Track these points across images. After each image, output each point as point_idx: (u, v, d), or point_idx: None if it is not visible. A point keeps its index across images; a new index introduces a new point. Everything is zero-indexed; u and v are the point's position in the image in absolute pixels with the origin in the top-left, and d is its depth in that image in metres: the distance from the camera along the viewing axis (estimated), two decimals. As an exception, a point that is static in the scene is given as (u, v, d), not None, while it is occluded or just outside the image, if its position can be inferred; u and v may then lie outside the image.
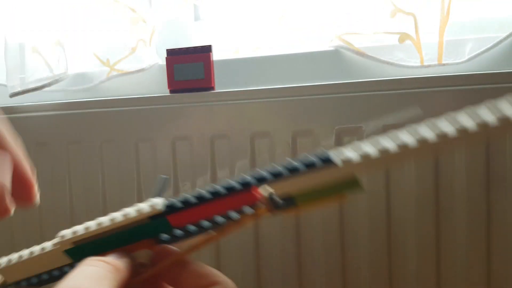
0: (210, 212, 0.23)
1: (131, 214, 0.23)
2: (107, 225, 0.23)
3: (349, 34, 0.63)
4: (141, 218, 0.23)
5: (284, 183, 0.21)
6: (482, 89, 0.54)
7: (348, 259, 0.59)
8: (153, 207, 0.23)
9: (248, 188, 0.22)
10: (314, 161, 0.20)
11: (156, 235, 0.23)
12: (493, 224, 0.55)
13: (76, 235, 0.23)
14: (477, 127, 0.19)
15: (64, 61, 0.71)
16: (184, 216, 0.23)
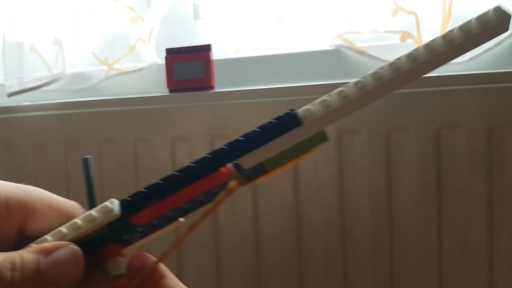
0: (176, 202, 0.20)
1: (83, 228, 0.20)
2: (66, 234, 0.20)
3: (350, 33, 0.63)
4: (99, 227, 0.20)
5: (252, 155, 0.19)
6: (483, 88, 0.54)
7: (349, 259, 0.59)
8: (108, 213, 0.20)
9: (215, 170, 0.20)
10: (279, 126, 0.19)
11: (119, 237, 0.21)
12: (493, 224, 0.55)
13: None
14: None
15: (62, 61, 0.70)
16: (147, 213, 0.20)
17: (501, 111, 0.54)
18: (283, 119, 0.19)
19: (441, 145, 0.55)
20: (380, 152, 0.56)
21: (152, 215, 0.21)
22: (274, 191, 0.60)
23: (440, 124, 0.55)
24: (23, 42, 0.72)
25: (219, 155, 0.20)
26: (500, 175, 0.54)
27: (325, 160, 0.58)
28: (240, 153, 0.20)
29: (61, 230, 0.20)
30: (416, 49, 0.19)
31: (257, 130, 0.20)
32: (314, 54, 0.66)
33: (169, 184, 0.20)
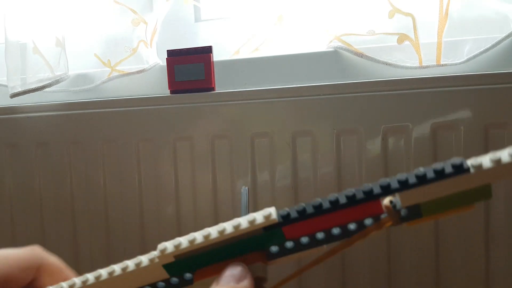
0: (328, 223, 0.21)
1: (243, 225, 0.21)
2: (215, 237, 0.21)
3: (348, 35, 0.63)
4: (254, 230, 0.21)
5: (411, 193, 0.19)
6: (480, 89, 0.55)
7: (347, 258, 0.59)
8: (268, 217, 0.21)
9: (372, 199, 0.20)
10: (445, 169, 0.19)
11: (266, 247, 0.22)
12: (491, 224, 0.55)
13: (180, 248, 0.21)
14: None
15: (64, 62, 0.71)
16: (300, 227, 0.21)
17: (498, 112, 0.54)
18: (449, 163, 0.19)
19: (438, 145, 0.56)
20: (378, 152, 0.57)
21: (303, 231, 0.21)
22: (274, 191, 0.61)
23: (436, 124, 0.55)
24: (26, 43, 0.72)
25: (381, 186, 0.20)
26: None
27: (324, 159, 0.59)
28: (400, 189, 0.20)
29: (237, 220, 0.21)
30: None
31: (421, 170, 0.19)
32: (313, 55, 0.67)
33: (326, 203, 0.21)
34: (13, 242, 0.71)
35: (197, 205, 0.63)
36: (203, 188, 0.63)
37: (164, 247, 0.21)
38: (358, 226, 0.20)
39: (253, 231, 0.21)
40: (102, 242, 0.67)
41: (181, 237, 0.21)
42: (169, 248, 0.21)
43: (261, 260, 0.22)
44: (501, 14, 0.60)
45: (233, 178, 0.62)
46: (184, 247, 0.21)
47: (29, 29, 0.72)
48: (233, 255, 0.21)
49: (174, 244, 0.21)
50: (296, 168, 0.60)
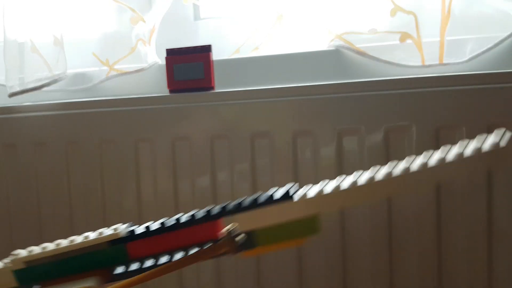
0: (171, 243, 0.22)
1: (91, 237, 0.22)
2: (65, 246, 0.22)
3: (349, 33, 0.63)
4: (101, 242, 0.22)
5: (246, 217, 0.21)
6: (483, 89, 0.54)
7: (348, 258, 0.59)
8: (115, 231, 0.22)
9: (211, 219, 0.22)
10: (274, 194, 0.21)
11: (111, 265, 0.22)
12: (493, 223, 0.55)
13: (31, 254, 0.22)
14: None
15: (63, 61, 0.70)
16: (144, 245, 0.22)
17: (501, 111, 0.54)
18: (277, 192, 0.21)
19: (440, 145, 0.55)
20: (380, 152, 0.57)
21: (147, 250, 0.22)
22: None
23: (439, 124, 0.55)
24: (24, 42, 0.72)
25: (221, 207, 0.22)
26: (499, 175, 0.54)
27: (324, 159, 0.58)
28: (235, 211, 0.21)
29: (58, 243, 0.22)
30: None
31: (258, 194, 0.22)
32: (314, 54, 0.66)
33: (170, 222, 0.22)
34: (10, 242, 0.71)
35: (197, 205, 0.63)
36: (202, 188, 0.62)
37: (17, 253, 0.22)
38: (199, 248, 0.22)
39: (100, 244, 0.22)
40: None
41: (35, 246, 0.22)
42: (21, 253, 0.22)
43: (104, 278, 0.22)
44: (504, 12, 0.60)
45: (232, 177, 0.61)
46: (35, 253, 0.22)
47: (27, 28, 0.72)
48: (80, 269, 0.22)
49: (27, 250, 0.22)
50: (296, 168, 0.59)
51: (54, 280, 0.21)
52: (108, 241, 0.22)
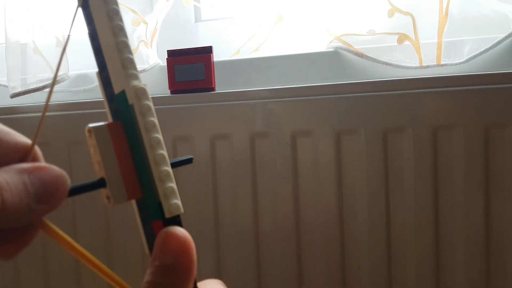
0: None
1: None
2: None
3: (348, 35, 0.63)
4: None
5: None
6: (480, 89, 0.55)
7: (347, 257, 0.59)
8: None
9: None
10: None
11: None
12: (492, 224, 0.55)
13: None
14: None
15: (65, 62, 0.71)
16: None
17: (498, 112, 0.54)
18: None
19: (438, 146, 0.56)
20: (378, 152, 0.57)
21: None
22: (274, 191, 0.61)
23: (437, 124, 0.55)
24: (26, 43, 0.72)
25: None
26: (497, 175, 0.55)
27: (323, 159, 0.59)
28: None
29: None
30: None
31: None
32: (313, 55, 0.67)
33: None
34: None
35: (197, 205, 0.63)
36: (202, 188, 0.63)
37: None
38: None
39: None
40: (102, 242, 0.67)
41: None
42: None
43: None
44: (502, 14, 0.60)
45: (233, 178, 0.62)
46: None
47: (29, 29, 0.72)
48: None
49: None
50: (296, 168, 0.60)
51: None
52: None
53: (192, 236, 0.22)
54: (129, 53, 0.20)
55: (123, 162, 0.21)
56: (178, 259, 0.19)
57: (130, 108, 0.20)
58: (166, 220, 0.21)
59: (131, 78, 0.20)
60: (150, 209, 0.21)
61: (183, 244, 0.19)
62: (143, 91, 0.20)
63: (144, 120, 0.20)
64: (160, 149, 0.20)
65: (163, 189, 0.20)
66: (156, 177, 0.20)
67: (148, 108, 0.20)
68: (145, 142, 0.20)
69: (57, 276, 0.70)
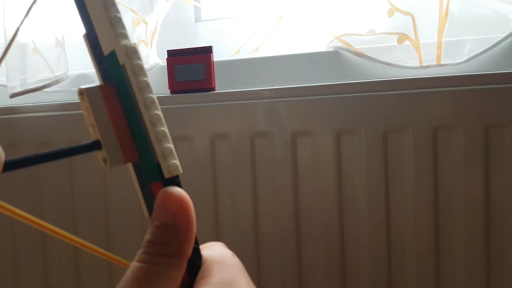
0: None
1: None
2: None
3: (348, 35, 0.63)
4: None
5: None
6: (481, 89, 0.55)
7: (347, 257, 0.59)
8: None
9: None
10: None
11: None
12: (491, 224, 0.55)
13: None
14: None
15: (64, 62, 0.71)
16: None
17: (498, 112, 0.54)
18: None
19: (438, 146, 0.56)
20: (378, 152, 0.57)
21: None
22: (275, 191, 0.61)
23: (437, 124, 0.55)
24: (26, 43, 0.72)
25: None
26: (497, 175, 0.55)
27: (323, 159, 0.59)
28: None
29: None
30: None
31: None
32: (313, 55, 0.67)
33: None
34: (13, 242, 0.71)
35: (197, 205, 0.63)
36: (202, 188, 0.63)
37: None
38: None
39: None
40: (102, 242, 0.67)
41: None
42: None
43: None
44: (502, 14, 0.60)
45: (233, 178, 0.62)
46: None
47: (29, 29, 0.72)
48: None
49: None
50: (296, 168, 0.60)
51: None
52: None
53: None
54: (116, 12, 0.19)
55: (118, 124, 0.20)
56: (176, 218, 0.19)
57: (121, 68, 0.20)
58: (166, 181, 0.21)
59: (121, 37, 0.19)
60: (148, 171, 0.21)
61: (181, 204, 0.20)
62: (134, 50, 0.19)
63: (137, 79, 0.19)
64: (155, 109, 0.20)
65: (161, 149, 0.20)
66: (153, 138, 0.20)
67: (140, 67, 0.19)
68: (139, 103, 0.19)
69: (57, 276, 0.70)
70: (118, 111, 0.20)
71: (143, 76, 0.20)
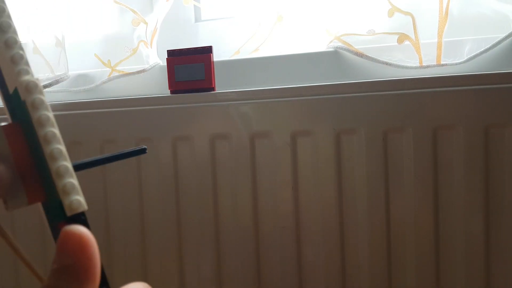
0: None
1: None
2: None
3: (348, 35, 0.63)
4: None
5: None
6: (481, 89, 0.55)
7: (347, 257, 0.59)
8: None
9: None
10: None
11: None
12: (490, 224, 0.55)
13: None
14: None
15: (64, 62, 0.71)
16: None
17: (498, 112, 0.54)
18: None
19: (438, 146, 0.56)
20: (378, 152, 0.57)
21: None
22: (274, 191, 0.61)
23: (437, 124, 0.55)
24: (26, 43, 0.72)
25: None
26: (497, 175, 0.55)
27: (323, 159, 0.59)
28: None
29: None
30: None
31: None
32: (313, 55, 0.67)
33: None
34: (13, 242, 0.71)
35: (197, 205, 0.63)
36: (202, 188, 0.63)
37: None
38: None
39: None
40: (102, 241, 0.67)
41: None
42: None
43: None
44: (502, 14, 0.60)
45: (233, 178, 0.62)
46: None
47: (29, 29, 0.72)
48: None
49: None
50: (296, 168, 0.60)
51: None
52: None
53: (192, 236, 0.21)
54: (19, 49, 0.19)
55: (22, 163, 0.19)
56: (76, 260, 0.18)
57: (24, 104, 0.19)
58: (69, 219, 0.19)
59: (23, 74, 0.19)
60: (54, 211, 0.20)
61: (80, 243, 0.18)
62: (34, 85, 0.19)
63: (37, 114, 0.19)
64: (56, 143, 0.19)
65: (62, 185, 0.19)
66: (53, 173, 0.19)
67: (41, 101, 0.19)
68: (39, 137, 0.19)
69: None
70: (23, 150, 0.20)
71: (44, 110, 0.19)
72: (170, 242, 0.64)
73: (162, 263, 0.65)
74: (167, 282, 0.64)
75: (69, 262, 0.18)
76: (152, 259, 0.65)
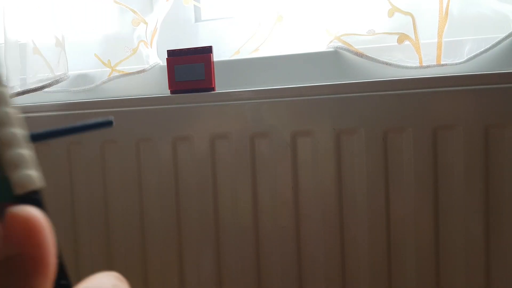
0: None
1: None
2: None
3: (348, 35, 0.63)
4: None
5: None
6: (480, 89, 0.55)
7: (347, 257, 0.59)
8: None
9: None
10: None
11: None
12: (490, 223, 0.55)
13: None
14: None
15: (64, 62, 0.71)
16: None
17: (498, 112, 0.54)
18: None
19: (438, 146, 0.56)
20: (378, 152, 0.57)
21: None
22: (274, 191, 0.61)
23: (437, 124, 0.56)
24: (26, 43, 0.72)
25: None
26: (496, 175, 0.55)
27: (324, 159, 0.59)
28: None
29: None
30: None
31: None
32: (313, 55, 0.67)
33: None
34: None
35: (197, 205, 0.63)
36: (203, 187, 0.63)
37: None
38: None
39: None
40: (102, 242, 0.67)
41: None
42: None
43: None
44: (502, 14, 0.60)
45: (233, 178, 0.62)
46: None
47: (28, 29, 0.72)
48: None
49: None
50: (296, 168, 0.60)
51: None
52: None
53: (192, 236, 0.21)
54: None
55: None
56: (21, 249, 0.14)
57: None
58: (18, 199, 0.15)
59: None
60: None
61: (28, 228, 0.14)
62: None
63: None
64: (3, 105, 0.15)
65: (9, 156, 0.15)
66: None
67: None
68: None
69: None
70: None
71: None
72: (170, 241, 0.64)
73: (162, 263, 0.65)
74: (167, 282, 0.64)
75: (13, 252, 0.14)
76: (152, 259, 0.65)
